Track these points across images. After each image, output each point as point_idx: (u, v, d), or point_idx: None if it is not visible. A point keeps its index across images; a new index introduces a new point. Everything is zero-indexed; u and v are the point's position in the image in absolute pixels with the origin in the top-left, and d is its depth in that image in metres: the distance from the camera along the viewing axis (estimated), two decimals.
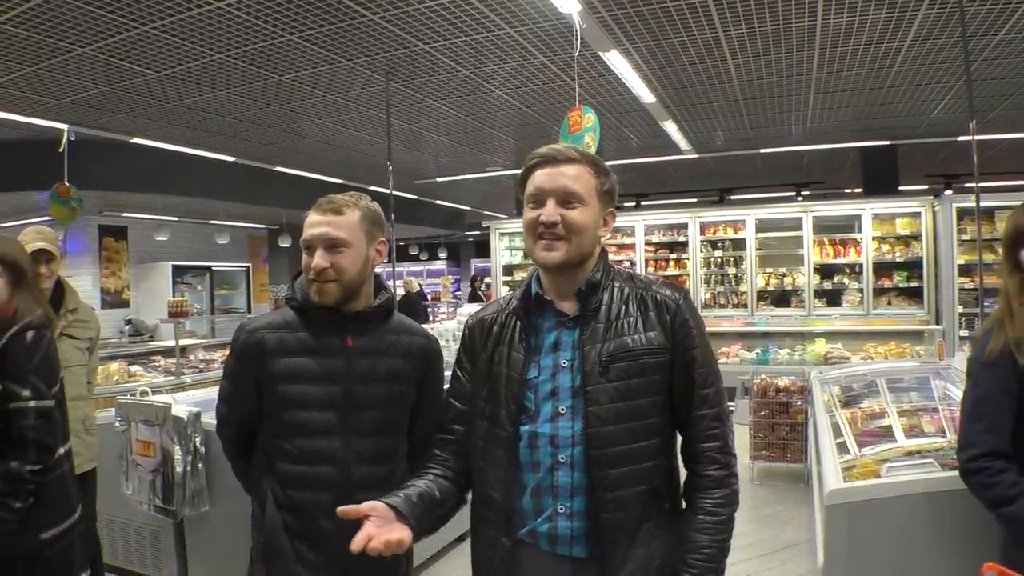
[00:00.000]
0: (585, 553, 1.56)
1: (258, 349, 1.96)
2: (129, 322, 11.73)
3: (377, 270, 2.10)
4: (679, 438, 1.67)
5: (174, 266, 12.53)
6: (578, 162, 1.62)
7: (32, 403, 2.22)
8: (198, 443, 3.53)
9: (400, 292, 12.58)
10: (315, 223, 1.95)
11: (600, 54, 6.12)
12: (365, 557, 1.95)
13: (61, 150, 7.50)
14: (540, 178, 1.62)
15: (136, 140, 8.74)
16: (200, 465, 3.53)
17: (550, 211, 1.58)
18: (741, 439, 5.61)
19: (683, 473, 1.68)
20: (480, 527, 1.69)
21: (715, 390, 1.61)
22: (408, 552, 2.12)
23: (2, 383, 2.18)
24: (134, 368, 7.41)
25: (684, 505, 1.64)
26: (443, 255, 22.87)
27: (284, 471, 1.95)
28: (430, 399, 2.13)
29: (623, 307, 1.62)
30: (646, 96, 7.47)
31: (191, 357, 8.33)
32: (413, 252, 22.97)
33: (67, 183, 7.65)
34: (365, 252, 1.99)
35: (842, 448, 3.21)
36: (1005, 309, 1.93)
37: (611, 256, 1.95)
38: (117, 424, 3.75)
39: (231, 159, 10.19)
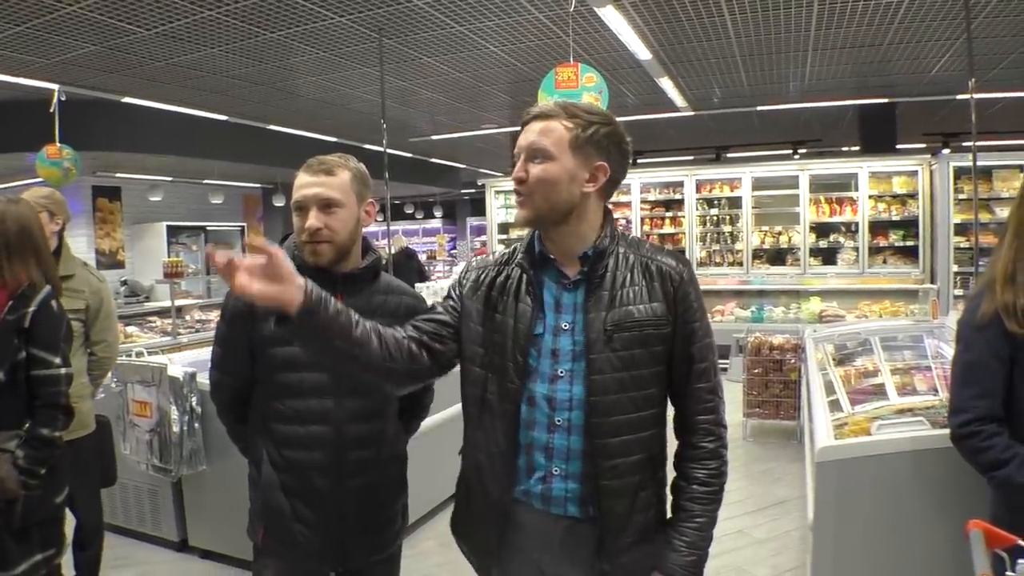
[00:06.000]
0: (579, 513, 1.57)
1: (248, 313, 1.96)
2: (124, 283, 11.72)
3: (367, 230, 2.10)
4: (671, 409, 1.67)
5: (169, 226, 12.49)
6: (550, 116, 1.57)
7: (63, 370, 2.29)
8: (194, 403, 3.56)
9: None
10: (307, 184, 1.93)
11: (595, 9, 6.01)
12: (361, 514, 1.99)
13: (52, 111, 7.40)
14: (519, 136, 1.61)
15: (128, 100, 8.61)
16: (196, 425, 3.57)
17: (517, 168, 1.58)
18: (735, 396, 5.65)
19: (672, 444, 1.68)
20: (473, 484, 1.68)
21: (711, 363, 1.61)
22: (403, 508, 2.16)
23: (27, 351, 2.21)
24: (130, 329, 7.45)
25: (675, 473, 1.65)
26: (439, 214, 22.77)
27: (278, 432, 1.97)
28: None
29: (628, 275, 1.59)
30: (642, 53, 7.36)
31: (187, 317, 8.36)
32: (408, 211, 22.85)
33: (59, 144, 7.56)
34: (356, 212, 1.98)
35: (835, 405, 3.24)
36: (1003, 272, 1.89)
37: None
38: (113, 385, 3.77)
39: (224, 118, 10.07)
